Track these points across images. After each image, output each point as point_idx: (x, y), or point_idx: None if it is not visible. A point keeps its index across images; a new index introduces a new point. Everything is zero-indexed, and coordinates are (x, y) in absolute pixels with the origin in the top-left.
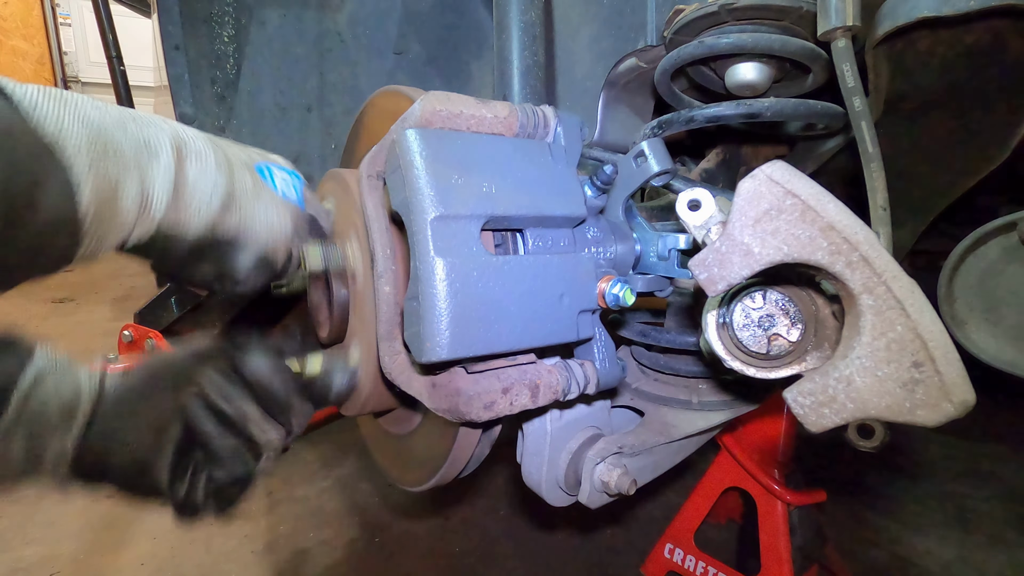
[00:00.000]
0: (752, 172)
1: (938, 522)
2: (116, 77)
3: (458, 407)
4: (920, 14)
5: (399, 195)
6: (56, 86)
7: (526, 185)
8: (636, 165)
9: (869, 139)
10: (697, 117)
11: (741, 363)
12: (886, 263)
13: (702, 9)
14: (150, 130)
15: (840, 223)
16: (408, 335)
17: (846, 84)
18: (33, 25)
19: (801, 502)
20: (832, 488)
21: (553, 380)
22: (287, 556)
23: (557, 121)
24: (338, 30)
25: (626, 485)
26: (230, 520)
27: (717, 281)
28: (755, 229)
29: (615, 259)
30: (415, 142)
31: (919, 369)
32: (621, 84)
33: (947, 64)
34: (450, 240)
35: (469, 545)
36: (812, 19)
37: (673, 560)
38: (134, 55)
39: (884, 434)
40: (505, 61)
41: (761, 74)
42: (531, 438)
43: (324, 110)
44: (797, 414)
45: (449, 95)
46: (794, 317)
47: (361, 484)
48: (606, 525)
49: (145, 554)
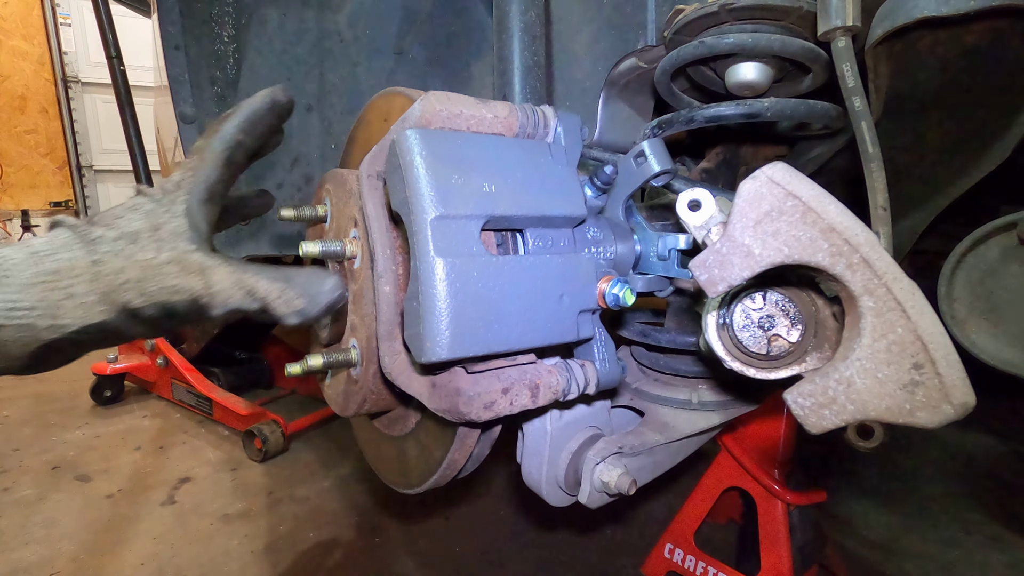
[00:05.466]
0: (753, 173)
1: (938, 522)
2: (116, 77)
3: (458, 407)
4: (920, 14)
5: (399, 195)
6: (56, 86)
7: (526, 185)
8: (636, 165)
9: (869, 139)
10: (697, 117)
11: (741, 364)
12: (887, 265)
13: (702, 9)
14: None
15: (841, 225)
16: (408, 335)
17: (846, 84)
18: (33, 25)
19: (801, 502)
20: (832, 488)
21: (553, 380)
22: (287, 556)
23: (557, 121)
24: (338, 30)
25: (626, 485)
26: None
27: (718, 282)
28: (756, 230)
29: (615, 259)
30: (415, 142)
31: (919, 371)
32: (621, 84)
33: (947, 64)
34: (450, 240)
35: (469, 545)
36: (812, 19)
37: (673, 560)
38: (134, 55)
39: (883, 435)
40: (505, 61)
41: (761, 74)
42: (531, 438)
43: (324, 110)
44: (797, 415)
45: (449, 95)
46: (794, 318)
47: (361, 484)
48: (606, 525)
49: (145, 554)
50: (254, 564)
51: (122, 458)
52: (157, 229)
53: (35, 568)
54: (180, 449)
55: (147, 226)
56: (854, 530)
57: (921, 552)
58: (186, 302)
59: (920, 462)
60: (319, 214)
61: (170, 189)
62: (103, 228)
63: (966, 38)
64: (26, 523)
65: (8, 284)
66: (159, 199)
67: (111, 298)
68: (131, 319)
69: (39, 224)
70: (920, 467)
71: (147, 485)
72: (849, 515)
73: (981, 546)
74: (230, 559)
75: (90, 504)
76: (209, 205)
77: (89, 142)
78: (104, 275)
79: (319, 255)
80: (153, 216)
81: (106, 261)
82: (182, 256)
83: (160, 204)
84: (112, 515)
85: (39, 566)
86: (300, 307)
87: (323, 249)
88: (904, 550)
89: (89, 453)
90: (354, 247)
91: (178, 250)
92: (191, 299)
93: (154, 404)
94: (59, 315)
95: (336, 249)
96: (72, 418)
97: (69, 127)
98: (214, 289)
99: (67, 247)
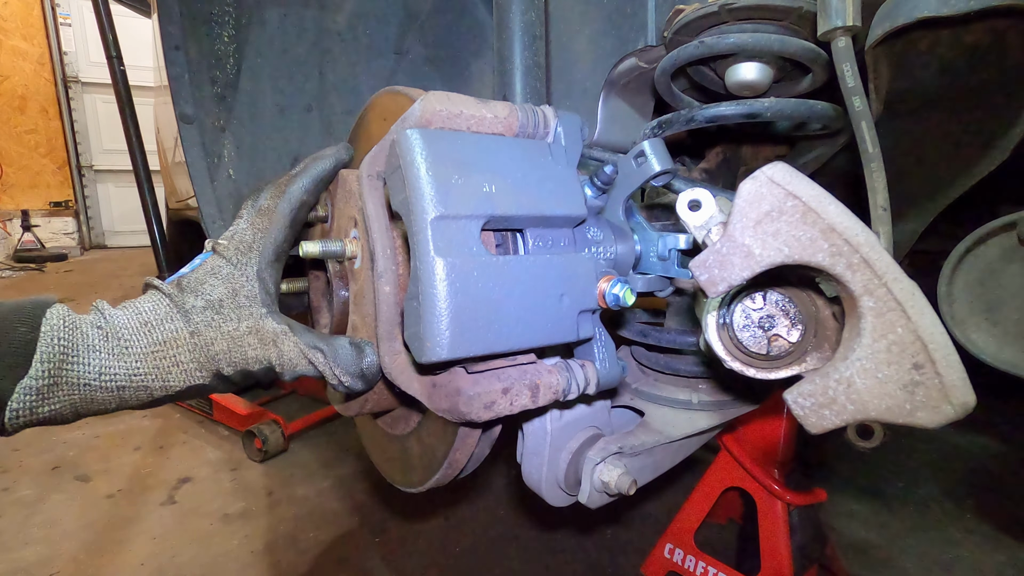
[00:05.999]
0: (753, 173)
1: (938, 522)
2: (116, 77)
3: (458, 407)
4: (920, 14)
5: (399, 195)
6: (56, 86)
7: (526, 185)
8: (636, 165)
9: (869, 139)
10: (697, 117)
11: (741, 364)
12: (887, 265)
13: (702, 9)
14: None
15: (841, 225)
16: (408, 335)
17: (846, 84)
18: (33, 25)
19: (801, 502)
20: (832, 488)
21: (553, 380)
22: (287, 556)
23: (557, 121)
24: (338, 30)
25: (626, 485)
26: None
27: (718, 282)
28: (756, 231)
29: (615, 259)
30: (415, 142)
31: (919, 371)
32: (621, 84)
33: (947, 64)
34: (450, 240)
35: (469, 545)
36: (812, 19)
37: (673, 560)
38: (134, 55)
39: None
40: (505, 61)
41: (761, 74)
42: (531, 438)
43: (324, 110)
44: (797, 415)
45: (449, 95)
46: (794, 318)
47: (361, 484)
48: (606, 525)
49: (145, 554)
50: (254, 564)
51: (122, 458)
52: (236, 295)
53: (35, 568)
54: (180, 449)
55: (228, 292)
56: (854, 530)
57: (921, 552)
58: (264, 370)
59: (920, 462)
60: (320, 214)
61: (243, 251)
62: (192, 296)
63: (966, 38)
64: (26, 523)
65: (129, 353)
66: (235, 263)
67: (207, 367)
68: (222, 381)
69: (39, 224)
70: (920, 467)
71: (147, 485)
72: (849, 515)
73: (981, 546)
74: (230, 559)
75: (90, 504)
76: (276, 265)
77: (89, 142)
78: (200, 347)
79: (319, 255)
80: (231, 281)
81: (201, 332)
82: (259, 324)
83: (236, 268)
84: (112, 515)
85: (39, 566)
86: (347, 383)
87: (323, 249)
88: (904, 550)
89: (89, 453)
90: (354, 247)
91: (254, 317)
92: (267, 368)
93: None
94: (168, 379)
95: (336, 249)
96: None
97: (69, 127)
98: (284, 359)
99: (169, 319)
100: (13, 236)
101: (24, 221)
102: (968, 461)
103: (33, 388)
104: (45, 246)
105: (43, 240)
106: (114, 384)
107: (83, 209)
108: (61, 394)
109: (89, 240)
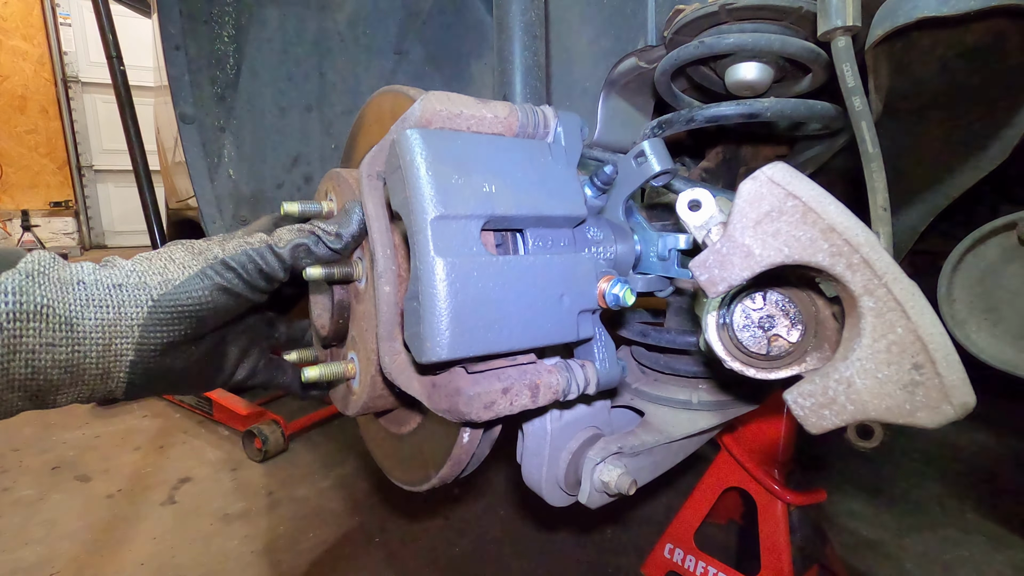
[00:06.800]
0: (753, 174)
1: (938, 522)
2: (116, 77)
3: (458, 407)
4: (920, 14)
5: (399, 195)
6: (56, 86)
7: (526, 185)
8: (636, 165)
9: (869, 139)
10: (697, 117)
11: (741, 364)
12: (887, 265)
13: (702, 9)
14: None
15: (841, 225)
16: (408, 335)
17: (846, 84)
18: (33, 25)
19: (801, 502)
20: (832, 488)
21: (553, 380)
22: (287, 556)
23: (557, 121)
24: (338, 30)
25: (626, 485)
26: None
27: (718, 282)
28: (756, 231)
29: (615, 259)
30: (415, 142)
31: (919, 371)
32: (621, 84)
33: (947, 64)
34: (450, 240)
35: (469, 545)
36: (812, 19)
37: (673, 560)
38: (134, 55)
39: (883, 435)
40: (505, 61)
41: (761, 74)
42: (531, 438)
43: (324, 110)
44: (797, 415)
45: (449, 95)
46: (794, 318)
47: (361, 484)
48: (606, 525)
49: (145, 554)
50: (254, 564)
51: (122, 458)
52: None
53: (35, 568)
54: (180, 449)
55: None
56: (854, 530)
57: (921, 552)
58: (261, 252)
59: (920, 462)
60: (324, 210)
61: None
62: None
63: (966, 38)
64: (26, 523)
65: (121, 265)
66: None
67: (205, 260)
68: (226, 282)
69: (39, 224)
70: (920, 467)
71: (147, 485)
72: (849, 515)
73: (981, 546)
74: (230, 559)
75: (90, 504)
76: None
77: (89, 142)
78: (198, 249)
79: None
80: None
81: (197, 244)
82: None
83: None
84: (112, 515)
85: (39, 566)
86: (337, 232)
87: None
88: (904, 550)
89: (89, 453)
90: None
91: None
92: (265, 249)
93: (154, 404)
94: (167, 273)
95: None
96: (72, 418)
97: (69, 127)
98: (278, 235)
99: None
100: (13, 236)
101: (24, 221)
102: (968, 461)
103: (23, 271)
104: (45, 246)
105: (43, 240)
106: (110, 282)
107: (83, 209)
108: (50, 285)
109: (89, 240)
